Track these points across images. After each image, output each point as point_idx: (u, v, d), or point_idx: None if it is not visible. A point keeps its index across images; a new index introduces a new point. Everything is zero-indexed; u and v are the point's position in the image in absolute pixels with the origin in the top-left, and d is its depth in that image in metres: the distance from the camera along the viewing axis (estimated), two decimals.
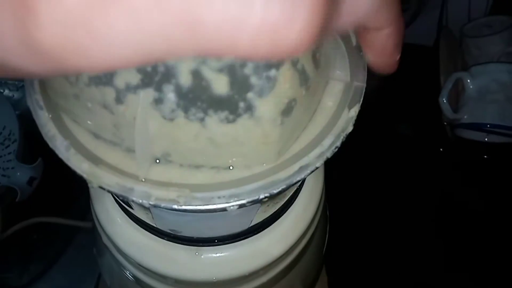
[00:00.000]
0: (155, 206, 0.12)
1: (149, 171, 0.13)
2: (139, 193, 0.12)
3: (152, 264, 0.19)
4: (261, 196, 0.13)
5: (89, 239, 0.31)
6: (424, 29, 0.53)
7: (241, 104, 0.12)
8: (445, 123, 0.44)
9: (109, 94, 0.11)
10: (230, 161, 0.13)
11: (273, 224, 0.20)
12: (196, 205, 0.12)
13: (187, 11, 0.08)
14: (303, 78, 0.13)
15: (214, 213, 0.15)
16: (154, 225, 0.19)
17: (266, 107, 0.12)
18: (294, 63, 0.12)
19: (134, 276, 0.21)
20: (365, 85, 0.15)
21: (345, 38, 0.16)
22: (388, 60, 0.14)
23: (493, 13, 0.51)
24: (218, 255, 0.20)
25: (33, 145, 0.43)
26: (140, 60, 0.08)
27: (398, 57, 0.14)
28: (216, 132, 0.12)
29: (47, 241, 0.40)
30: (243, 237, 0.19)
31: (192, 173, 0.13)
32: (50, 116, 0.13)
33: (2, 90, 0.53)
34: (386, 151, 0.52)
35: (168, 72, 0.11)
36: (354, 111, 0.14)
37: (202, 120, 0.12)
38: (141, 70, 0.11)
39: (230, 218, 0.16)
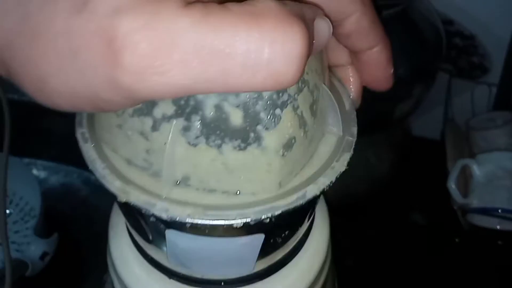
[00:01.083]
0: (171, 219, 0.14)
1: (171, 192, 0.15)
2: (159, 208, 0.15)
3: None
4: (263, 217, 0.15)
5: None
6: (431, 124, 0.57)
7: (251, 135, 0.14)
8: (455, 208, 0.45)
9: (147, 123, 0.14)
10: (238, 186, 0.15)
11: (275, 274, 0.21)
12: (206, 219, 0.14)
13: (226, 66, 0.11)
14: (302, 122, 0.15)
15: (221, 240, 0.17)
16: (167, 265, 0.20)
17: (271, 138, 0.14)
18: (295, 108, 0.15)
19: None
20: (355, 139, 0.18)
21: (339, 101, 0.19)
22: (384, 73, 0.18)
23: (496, 108, 0.55)
24: None
25: (50, 220, 0.46)
26: (182, 95, 0.12)
27: (392, 70, 0.18)
28: (229, 157, 0.14)
29: None
30: (248, 282, 0.21)
31: (205, 196, 0.15)
32: (93, 145, 0.16)
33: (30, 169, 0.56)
34: (401, 241, 0.52)
35: (197, 105, 0.14)
36: (345, 158, 0.17)
37: (219, 146, 0.14)
38: (175, 102, 0.14)
39: (236, 248, 0.17)
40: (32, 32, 0.11)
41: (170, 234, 0.17)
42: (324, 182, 0.16)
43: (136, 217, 0.18)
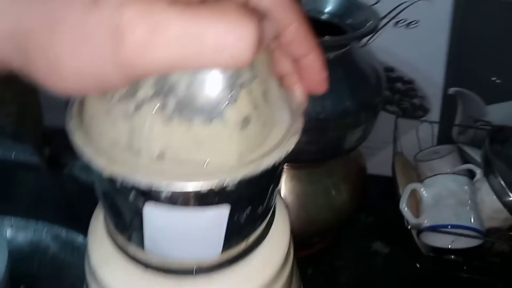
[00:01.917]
0: (149, 188, 0.17)
1: (149, 165, 0.18)
2: (139, 178, 0.18)
3: None
4: (225, 183, 0.18)
5: None
6: (383, 162, 0.62)
7: (216, 110, 0.18)
8: (409, 228, 0.48)
9: (130, 106, 0.18)
10: (206, 158, 0.18)
11: (242, 261, 0.24)
12: (178, 187, 0.17)
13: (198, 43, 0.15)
14: (256, 104, 0.19)
15: (192, 212, 0.19)
16: (143, 257, 0.23)
17: (231, 114, 0.18)
18: (250, 91, 0.19)
19: None
20: (301, 126, 0.21)
21: (288, 100, 0.23)
22: (319, 77, 0.22)
23: (439, 143, 0.61)
24: None
25: (16, 279, 0.45)
26: (167, 71, 0.16)
27: (326, 75, 0.22)
28: (198, 130, 0.18)
29: None
30: (218, 268, 0.23)
31: (179, 167, 0.18)
32: (81, 134, 0.19)
33: None
34: (367, 269, 0.55)
35: (172, 86, 0.17)
36: (293, 140, 0.20)
37: (190, 121, 0.18)
38: (154, 85, 0.17)
39: (205, 222, 0.20)
40: (52, 22, 0.15)
41: (147, 209, 0.19)
42: (276, 156, 0.19)
43: (116, 203, 0.20)
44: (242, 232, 0.23)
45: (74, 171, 0.59)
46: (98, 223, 0.26)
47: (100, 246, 0.24)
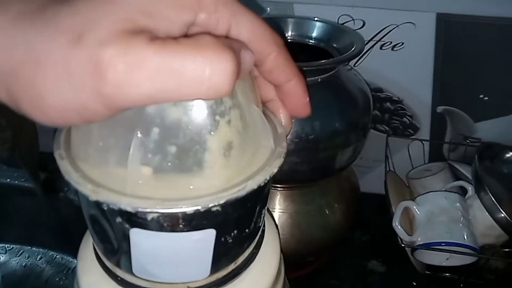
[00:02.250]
0: (135, 210, 0.18)
1: (134, 189, 0.19)
2: (125, 202, 0.18)
3: None
4: (210, 205, 0.18)
5: None
6: (376, 180, 0.63)
7: (198, 138, 0.19)
8: (403, 246, 0.48)
9: (117, 131, 0.18)
10: (191, 182, 0.19)
11: (231, 283, 0.24)
12: (165, 208, 0.18)
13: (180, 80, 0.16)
14: (237, 130, 0.20)
15: (179, 236, 0.20)
16: (132, 281, 0.23)
17: (213, 140, 0.19)
18: (230, 119, 0.20)
19: None
20: (285, 150, 0.22)
21: (272, 125, 0.23)
22: (302, 101, 0.23)
23: (431, 160, 0.62)
24: None
25: None
26: (148, 103, 0.16)
27: (307, 99, 0.23)
28: (182, 157, 0.18)
29: None
30: None
31: (163, 191, 0.19)
32: (69, 161, 0.20)
33: None
34: None
35: (154, 115, 0.18)
36: (277, 162, 0.21)
37: (174, 147, 0.18)
38: (137, 115, 0.18)
39: (192, 245, 0.20)
40: (35, 60, 0.16)
41: (134, 233, 0.20)
42: (260, 179, 0.20)
43: (103, 227, 0.21)
44: (230, 253, 0.23)
45: (69, 195, 0.60)
46: (88, 248, 0.26)
47: (89, 271, 0.25)
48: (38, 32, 0.16)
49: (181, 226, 0.19)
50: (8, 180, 0.61)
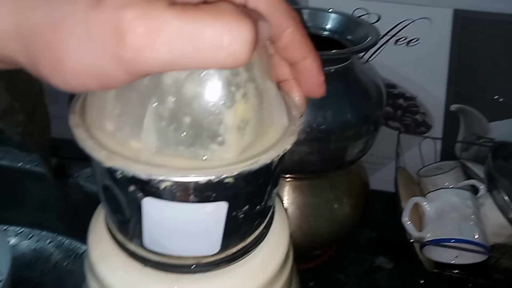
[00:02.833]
0: (149, 177, 0.18)
1: (149, 157, 0.19)
2: (139, 169, 0.18)
3: None
4: (223, 176, 0.18)
5: None
6: (386, 178, 0.62)
7: (213, 109, 0.19)
8: (411, 241, 0.48)
9: (133, 96, 0.18)
10: (204, 153, 0.19)
11: (240, 261, 0.24)
12: (178, 176, 0.18)
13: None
14: (252, 104, 0.20)
15: (191, 207, 0.20)
16: (142, 254, 0.23)
17: (229, 113, 0.19)
18: (247, 91, 0.19)
19: None
20: (298, 128, 0.22)
21: (287, 104, 0.23)
22: (317, 79, 0.22)
23: (442, 159, 0.61)
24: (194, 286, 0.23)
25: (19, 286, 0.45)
26: (166, 69, 0.16)
27: (323, 78, 0.22)
28: (196, 127, 0.19)
29: None
30: (216, 266, 0.23)
31: (178, 161, 0.19)
32: (84, 129, 0.20)
33: None
34: (369, 284, 0.54)
35: (170, 84, 0.18)
36: (290, 140, 0.21)
37: (188, 117, 0.18)
38: (152, 81, 0.18)
39: (203, 217, 0.20)
40: (55, 22, 0.16)
41: (146, 203, 0.20)
42: (273, 154, 0.20)
43: (116, 197, 0.21)
44: (240, 230, 0.23)
45: (79, 181, 0.60)
46: (99, 221, 0.26)
47: (100, 243, 0.25)
48: None
49: (193, 196, 0.19)
50: (20, 164, 0.62)
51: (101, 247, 0.25)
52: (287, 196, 0.48)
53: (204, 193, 0.19)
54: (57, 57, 0.16)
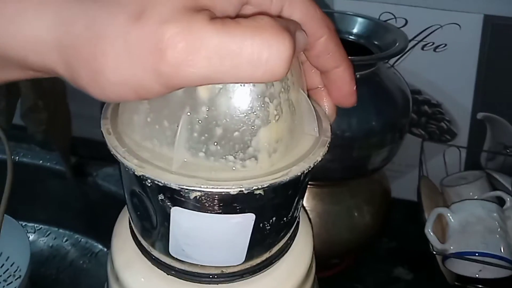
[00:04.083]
0: (179, 187, 0.18)
1: (179, 167, 0.18)
2: (169, 178, 0.18)
3: None
4: (254, 187, 0.18)
5: None
6: (409, 186, 0.61)
7: (245, 120, 0.18)
8: (434, 252, 0.47)
9: (165, 109, 0.18)
10: (234, 164, 0.19)
11: (264, 272, 0.23)
12: (209, 187, 0.17)
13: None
14: (285, 117, 0.19)
15: (218, 218, 0.19)
16: (167, 262, 0.23)
17: (262, 127, 0.18)
18: (279, 102, 0.19)
19: None
20: (329, 139, 0.21)
21: (317, 114, 0.23)
22: (349, 89, 0.22)
23: (467, 169, 0.60)
24: None
25: (35, 283, 0.45)
26: (204, 83, 0.16)
27: (355, 87, 0.22)
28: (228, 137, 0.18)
29: None
30: (240, 277, 0.23)
31: (207, 171, 0.18)
32: (115, 136, 0.20)
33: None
34: None
35: (204, 95, 0.18)
36: (321, 151, 0.20)
37: (220, 128, 0.18)
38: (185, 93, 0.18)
39: (230, 228, 0.20)
40: (95, 35, 0.15)
41: (175, 212, 0.19)
42: (304, 165, 0.19)
43: (144, 204, 0.21)
44: (266, 241, 0.22)
45: (98, 180, 0.60)
46: (123, 226, 0.26)
47: (124, 249, 0.24)
48: (99, 7, 0.16)
49: (222, 207, 0.19)
50: (40, 161, 0.63)
51: (125, 253, 0.24)
52: (306, 203, 0.48)
53: (233, 204, 0.19)
54: (96, 69, 0.16)
